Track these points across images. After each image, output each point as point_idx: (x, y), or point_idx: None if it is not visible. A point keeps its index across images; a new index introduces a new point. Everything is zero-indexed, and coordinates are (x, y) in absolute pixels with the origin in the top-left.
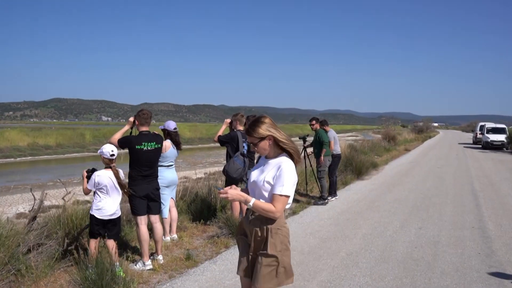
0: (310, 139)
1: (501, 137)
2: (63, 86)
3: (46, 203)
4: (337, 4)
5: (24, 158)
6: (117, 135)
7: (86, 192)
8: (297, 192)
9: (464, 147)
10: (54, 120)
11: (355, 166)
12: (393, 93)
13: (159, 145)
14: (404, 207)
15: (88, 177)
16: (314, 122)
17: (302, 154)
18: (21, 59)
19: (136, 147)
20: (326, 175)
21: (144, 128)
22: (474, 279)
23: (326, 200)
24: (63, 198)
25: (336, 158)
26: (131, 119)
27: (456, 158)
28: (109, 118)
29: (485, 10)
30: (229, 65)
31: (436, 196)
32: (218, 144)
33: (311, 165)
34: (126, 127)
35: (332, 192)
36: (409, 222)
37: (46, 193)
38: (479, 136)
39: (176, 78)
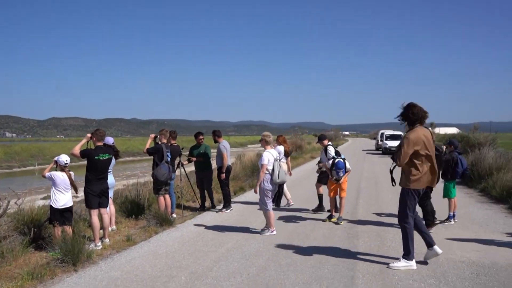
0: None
1: (398, 143)
2: None
3: None
4: (247, 16)
5: None
6: (77, 148)
7: (43, 175)
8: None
9: (367, 153)
10: None
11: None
12: (306, 103)
13: (111, 156)
14: (298, 201)
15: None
16: (201, 136)
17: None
18: None
19: (95, 157)
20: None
21: (99, 143)
22: (335, 241)
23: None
24: (15, 203)
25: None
26: (89, 135)
27: (356, 163)
28: (14, 134)
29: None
30: (139, 78)
31: (325, 193)
32: (133, 158)
33: (187, 176)
34: (84, 141)
35: (227, 204)
36: (301, 210)
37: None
38: (380, 143)
39: (85, 91)
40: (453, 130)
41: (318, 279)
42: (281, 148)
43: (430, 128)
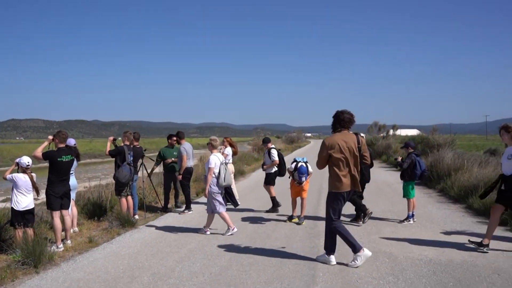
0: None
1: None
2: None
3: None
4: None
5: None
6: (40, 150)
7: (4, 177)
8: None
9: None
10: None
11: None
12: (269, 105)
13: (73, 157)
14: (260, 202)
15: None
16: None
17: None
18: None
19: (58, 159)
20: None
21: (61, 145)
22: (297, 240)
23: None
24: None
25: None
26: (50, 137)
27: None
28: None
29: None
30: (100, 78)
31: (287, 194)
32: (95, 160)
33: (149, 177)
34: (46, 143)
35: (189, 205)
36: (262, 211)
37: None
38: None
39: (45, 93)
40: (413, 132)
41: (279, 278)
42: (229, 150)
43: (361, 134)
